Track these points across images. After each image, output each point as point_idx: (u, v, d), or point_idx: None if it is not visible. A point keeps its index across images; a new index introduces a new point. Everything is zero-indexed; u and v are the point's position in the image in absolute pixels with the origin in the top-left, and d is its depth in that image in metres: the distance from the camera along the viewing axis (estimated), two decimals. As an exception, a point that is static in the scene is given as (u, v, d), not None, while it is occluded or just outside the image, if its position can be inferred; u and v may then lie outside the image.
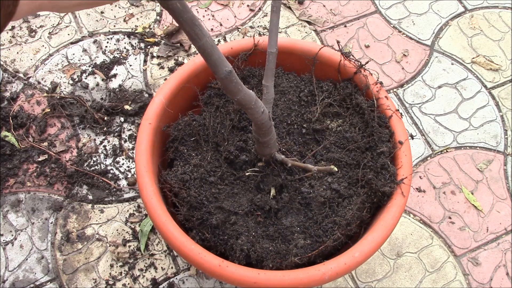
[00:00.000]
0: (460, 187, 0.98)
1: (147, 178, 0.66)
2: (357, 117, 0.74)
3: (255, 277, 0.59)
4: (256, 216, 0.67)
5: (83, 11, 1.13)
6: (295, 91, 0.77)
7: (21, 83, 1.03)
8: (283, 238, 0.66)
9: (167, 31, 1.10)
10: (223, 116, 0.74)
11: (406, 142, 0.70)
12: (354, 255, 0.61)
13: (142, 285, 0.85)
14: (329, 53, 0.77)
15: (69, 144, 0.97)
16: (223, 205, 0.66)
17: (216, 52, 0.47)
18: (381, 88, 0.74)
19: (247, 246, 0.63)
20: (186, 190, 0.67)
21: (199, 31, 0.44)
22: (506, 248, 0.92)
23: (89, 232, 0.89)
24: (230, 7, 1.17)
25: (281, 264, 0.63)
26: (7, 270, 0.85)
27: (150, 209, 0.64)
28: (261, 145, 0.64)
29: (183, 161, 0.71)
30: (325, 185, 0.68)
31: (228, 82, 0.50)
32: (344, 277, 0.87)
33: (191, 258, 0.60)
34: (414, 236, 0.92)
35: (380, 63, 1.11)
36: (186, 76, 0.75)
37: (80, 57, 1.07)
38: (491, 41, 1.17)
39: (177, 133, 0.72)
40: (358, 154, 0.71)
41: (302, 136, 0.74)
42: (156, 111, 0.72)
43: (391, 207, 0.65)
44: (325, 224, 0.66)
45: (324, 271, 0.60)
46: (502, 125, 1.06)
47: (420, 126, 1.04)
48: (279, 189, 0.69)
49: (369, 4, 1.20)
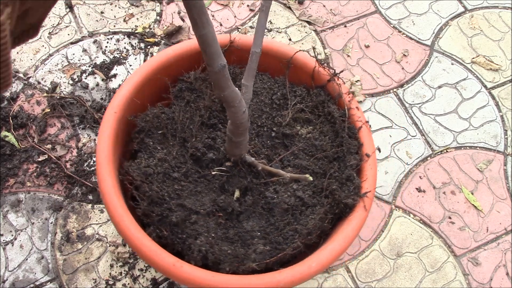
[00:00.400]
0: (460, 187, 0.98)
1: (107, 169, 0.63)
2: (328, 126, 0.73)
3: (209, 280, 0.58)
4: (218, 217, 0.65)
5: (83, 11, 1.13)
6: (268, 93, 0.76)
7: (21, 83, 1.03)
8: (242, 242, 0.64)
9: (167, 31, 1.10)
10: (193, 112, 0.72)
11: (373, 155, 0.69)
12: (311, 265, 0.60)
13: (142, 285, 0.85)
14: (304, 58, 0.76)
15: (69, 144, 0.97)
16: (185, 203, 0.64)
17: (215, 44, 0.46)
18: (353, 98, 0.73)
19: (205, 247, 0.61)
20: (148, 184, 0.64)
21: (206, 20, 0.43)
22: (506, 248, 0.92)
23: (89, 232, 0.89)
24: (230, 7, 1.17)
25: (238, 269, 0.61)
26: (7, 270, 0.85)
27: (107, 201, 0.62)
28: (233, 144, 0.63)
29: (147, 153, 0.68)
30: (290, 192, 0.67)
31: (221, 76, 0.49)
32: (344, 277, 0.87)
33: (145, 255, 0.59)
34: (414, 236, 0.92)
35: (380, 63, 1.11)
36: (156, 67, 0.73)
37: (80, 57, 1.07)
38: (491, 41, 1.17)
39: (144, 124, 0.70)
40: (326, 163, 0.70)
41: (271, 139, 0.72)
42: (122, 100, 0.69)
43: (353, 219, 0.64)
44: (286, 232, 0.64)
45: (279, 279, 0.59)
46: (502, 125, 1.06)
47: (420, 126, 1.04)
48: (244, 191, 0.67)
49: (369, 4, 1.20)
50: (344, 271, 0.88)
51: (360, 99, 1.06)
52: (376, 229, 0.92)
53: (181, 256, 0.62)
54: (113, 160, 0.66)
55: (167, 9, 1.15)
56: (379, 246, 0.91)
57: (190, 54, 0.77)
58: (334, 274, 0.87)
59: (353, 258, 0.89)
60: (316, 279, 0.86)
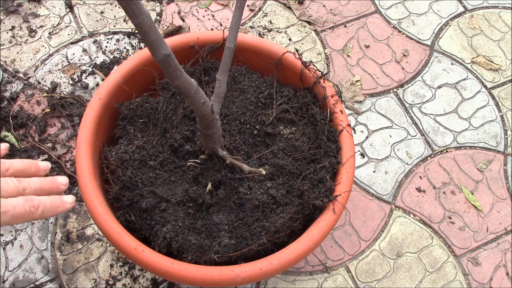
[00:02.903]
0: (460, 187, 0.98)
1: (84, 151, 0.65)
2: (310, 128, 0.73)
3: (168, 266, 0.59)
4: (188, 207, 0.66)
5: (83, 11, 1.13)
6: (255, 92, 0.77)
7: (21, 83, 1.03)
8: (208, 233, 0.65)
9: (167, 31, 1.10)
10: (177, 104, 0.74)
11: (351, 159, 0.69)
12: (272, 261, 0.60)
13: (142, 285, 0.85)
14: (292, 58, 0.76)
15: (69, 144, 0.97)
16: (156, 191, 0.66)
17: (154, 33, 0.45)
18: (338, 101, 0.73)
19: (170, 235, 0.63)
20: (123, 169, 0.66)
21: (136, 8, 0.43)
22: (506, 248, 0.92)
23: (89, 232, 0.89)
24: (230, 7, 1.17)
25: (200, 259, 0.62)
26: (7, 270, 0.85)
27: (80, 182, 0.64)
28: (205, 137, 0.64)
29: (127, 140, 0.71)
30: (263, 189, 0.67)
31: (166, 66, 0.49)
32: (344, 277, 0.87)
33: (110, 237, 0.61)
34: (414, 236, 0.92)
35: (380, 63, 1.11)
36: (146, 58, 0.75)
37: (80, 57, 1.07)
38: (491, 41, 1.17)
39: (127, 112, 0.72)
40: (303, 164, 0.70)
41: (252, 137, 0.73)
42: (108, 87, 0.72)
43: (320, 221, 0.64)
44: (254, 228, 0.65)
45: (238, 272, 0.59)
46: (502, 125, 1.06)
47: (420, 126, 1.04)
48: (217, 185, 0.68)
49: (369, 4, 1.20)
50: (344, 271, 0.88)
51: (360, 99, 1.06)
52: (376, 229, 0.92)
53: (148, 242, 0.64)
54: (93, 144, 0.68)
55: (167, 9, 1.15)
56: (379, 246, 0.91)
57: (182, 48, 0.78)
58: (334, 274, 0.87)
59: (353, 258, 0.89)
60: (316, 279, 0.86)
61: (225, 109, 0.75)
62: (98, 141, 0.70)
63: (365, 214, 0.94)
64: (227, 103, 0.75)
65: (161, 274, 0.60)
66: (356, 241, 0.91)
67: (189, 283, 0.59)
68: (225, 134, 0.72)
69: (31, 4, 1.13)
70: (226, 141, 0.70)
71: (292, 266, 0.78)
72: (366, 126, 1.03)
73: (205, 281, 0.59)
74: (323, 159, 0.70)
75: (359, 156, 0.98)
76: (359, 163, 0.99)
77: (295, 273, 0.87)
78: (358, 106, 1.05)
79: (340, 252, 0.90)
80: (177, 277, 0.59)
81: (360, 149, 1.01)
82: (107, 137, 0.73)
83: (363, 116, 1.05)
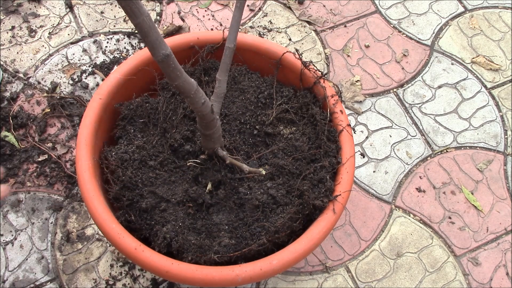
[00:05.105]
0: (460, 187, 0.98)
1: (84, 151, 0.65)
2: (310, 128, 0.73)
3: (168, 266, 0.59)
4: (188, 207, 0.66)
5: (83, 11, 1.13)
6: (255, 92, 0.76)
7: (21, 83, 1.03)
8: (208, 233, 0.65)
9: (167, 31, 1.10)
10: (177, 104, 0.73)
11: (351, 159, 0.69)
12: (272, 262, 0.60)
13: (142, 285, 0.85)
14: (293, 58, 0.76)
15: (69, 144, 0.97)
16: (156, 191, 0.65)
17: (153, 33, 0.45)
18: (339, 101, 0.73)
19: (170, 235, 0.63)
20: (123, 169, 0.66)
21: (136, 8, 0.43)
22: (506, 248, 0.92)
23: (89, 232, 0.89)
24: (230, 7, 1.17)
25: (200, 259, 0.62)
26: (7, 270, 0.85)
27: (80, 182, 0.64)
28: (204, 137, 0.64)
29: (127, 140, 0.70)
30: (263, 189, 0.67)
31: (166, 66, 0.49)
32: (344, 277, 0.87)
33: (110, 237, 0.61)
34: (414, 236, 0.92)
35: (380, 63, 1.11)
36: (146, 58, 0.75)
37: (80, 57, 1.07)
38: (491, 41, 1.17)
39: (127, 112, 0.72)
40: (303, 164, 0.70)
41: (252, 137, 0.73)
42: (109, 87, 0.72)
43: (320, 221, 0.64)
44: (254, 228, 0.65)
45: (238, 272, 0.59)
46: (502, 125, 1.06)
47: (420, 126, 1.04)
48: (217, 185, 0.68)
49: (369, 4, 1.20)
50: (344, 271, 0.88)
51: (360, 99, 1.06)
52: (376, 229, 0.92)
53: (148, 242, 0.64)
54: (93, 144, 0.68)
55: (167, 9, 1.15)
56: (379, 246, 0.91)
57: (182, 48, 0.78)
58: (334, 274, 0.87)
59: (353, 258, 0.89)
60: (316, 279, 0.86)
61: (225, 109, 0.75)
62: (98, 141, 0.70)
63: (365, 214, 0.94)
64: (227, 103, 0.75)
65: (161, 274, 0.59)
66: (356, 241, 0.91)
67: (189, 283, 0.59)
68: (225, 134, 0.72)
69: (31, 4, 1.13)
70: (226, 141, 0.70)
71: (292, 266, 0.78)
72: (366, 126, 1.03)
73: (205, 281, 0.59)
74: (323, 159, 0.70)
75: (359, 156, 0.98)
76: (359, 163, 0.99)
77: (295, 273, 0.87)
78: (358, 106, 1.05)
79: (340, 252, 0.90)
80: (177, 277, 0.59)
81: (360, 149, 1.01)
82: (107, 137, 0.73)
83: (363, 116, 1.05)
